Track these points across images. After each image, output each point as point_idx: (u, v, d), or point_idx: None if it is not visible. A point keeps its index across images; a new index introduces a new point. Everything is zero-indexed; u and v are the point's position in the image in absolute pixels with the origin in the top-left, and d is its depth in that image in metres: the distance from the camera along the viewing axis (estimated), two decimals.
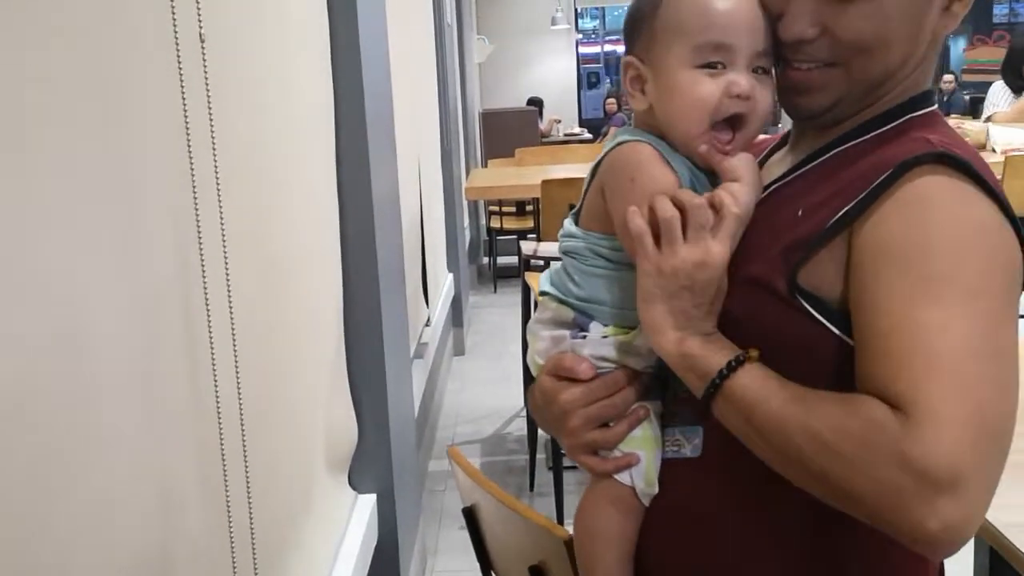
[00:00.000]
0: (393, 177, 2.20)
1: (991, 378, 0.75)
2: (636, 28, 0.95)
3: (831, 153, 0.92)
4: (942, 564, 0.98)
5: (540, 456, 3.15)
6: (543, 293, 0.98)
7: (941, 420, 0.72)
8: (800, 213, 0.87)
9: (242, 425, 1.12)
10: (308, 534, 1.55)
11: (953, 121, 4.62)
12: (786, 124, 1.05)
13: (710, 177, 0.93)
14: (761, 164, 1.00)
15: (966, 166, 0.81)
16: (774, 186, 0.94)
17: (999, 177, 3.22)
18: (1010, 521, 1.04)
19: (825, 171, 0.91)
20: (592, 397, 0.93)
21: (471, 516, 1.26)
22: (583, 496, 0.97)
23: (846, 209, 0.83)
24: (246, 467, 1.14)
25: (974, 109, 6.67)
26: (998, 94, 4.40)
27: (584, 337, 0.93)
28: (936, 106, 0.93)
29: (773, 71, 0.93)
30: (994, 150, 3.84)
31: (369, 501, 1.95)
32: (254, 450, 1.17)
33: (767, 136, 1.06)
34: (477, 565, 1.29)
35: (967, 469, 0.70)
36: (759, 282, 0.87)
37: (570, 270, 0.96)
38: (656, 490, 0.93)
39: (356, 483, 1.96)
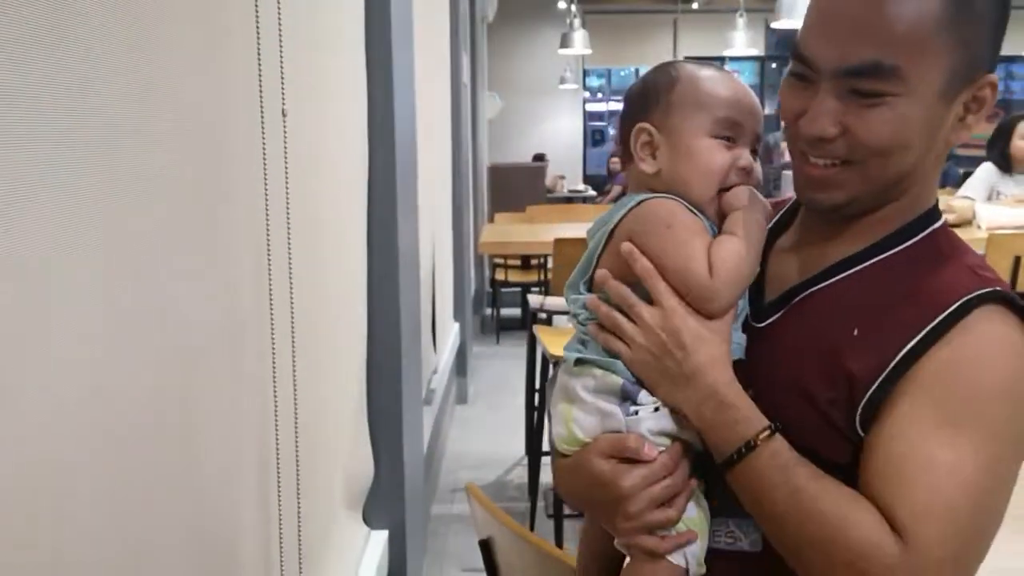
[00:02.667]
0: (415, 232, 2.33)
1: (983, 521, 0.85)
2: (650, 99, 0.99)
3: (866, 264, 0.95)
4: None
5: (540, 504, 3.24)
6: (580, 360, 0.95)
7: (931, 559, 0.82)
8: (856, 332, 0.89)
9: (296, 456, 1.24)
10: (327, 567, 1.63)
11: (943, 197, 4.75)
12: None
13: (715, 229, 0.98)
14: (768, 241, 1.02)
15: (1018, 303, 0.87)
16: (809, 289, 0.96)
17: (982, 252, 3.35)
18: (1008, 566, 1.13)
19: (868, 284, 0.93)
20: (655, 478, 0.90)
21: (487, 548, 1.37)
22: (626, 572, 0.96)
23: (912, 346, 0.86)
24: (279, 502, 1.25)
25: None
26: (979, 178, 4.46)
27: (636, 412, 0.91)
28: (943, 219, 0.98)
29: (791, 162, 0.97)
30: (979, 227, 3.96)
31: (381, 537, 2.05)
32: (289, 483, 1.28)
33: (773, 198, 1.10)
34: None
35: None
36: (830, 419, 0.89)
37: (619, 355, 0.94)
38: (704, 572, 0.92)
39: (370, 520, 2.07)
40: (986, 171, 4.47)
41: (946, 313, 0.86)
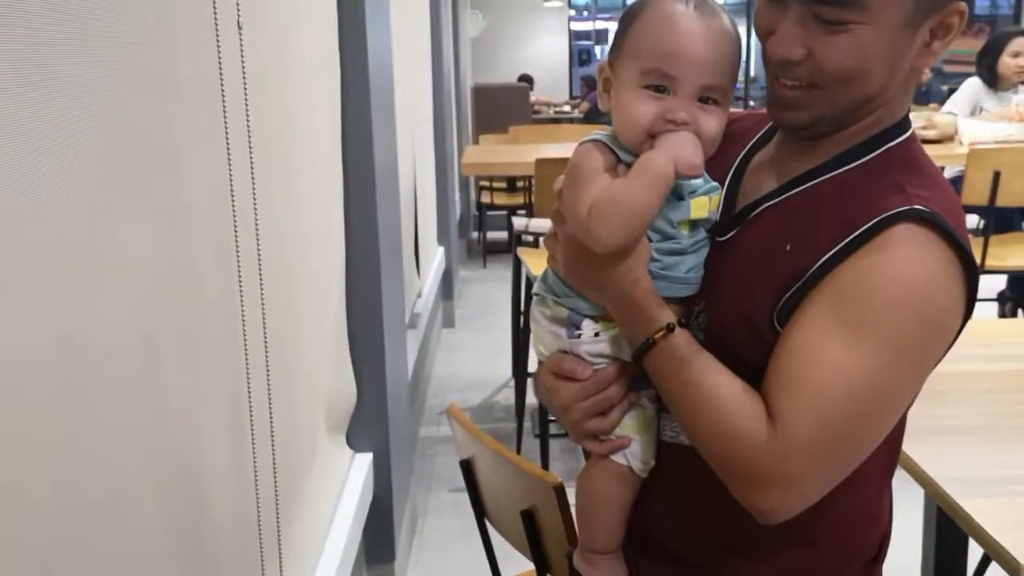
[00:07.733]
0: (393, 149, 2.27)
1: (859, 423, 0.91)
2: (616, 35, 1.01)
3: (818, 180, 0.98)
4: (890, 516, 1.08)
5: (527, 424, 3.25)
6: (535, 294, 1.07)
7: (795, 446, 0.89)
8: (789, 248, 0.94)
9: (269, 382, 1.20)
10: (311, 489, 1.63)
11: (925, 112, 4.70)
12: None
13: None
14: (747, 156, 1.07)
15: (938, 223, 0.89)
16: (763, 204, 1.00)
17: (962, 168, 3.31)
18: (949, 476, 1.17)
19: (812, 201, 0.97)
20: (587, 393, 1.01)
21: (468, 468, 1.35)
22: (586, 467, 1.06)
23: (826, 257, 0.91)
24: (252, 424, 1.23)
25: None
26: (963, 94, 4.41)
27: (579, 336, 1.02)
28: (911, 130, 1.00)
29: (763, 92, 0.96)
30: (961, 142, 3.92)
31: (366, 460, 2.04)
32: (265, 409, 1.25)
33: (753, 112, 1.11)
34: (464, 526, 1.36)
35: (804, 482, 0.90)
36: (751, 321, 0.95)
37: (554, 269, 1.05)
38: (652, 465, 1.03)
39: (354, 443, 2.05)
40: (970, 87, 4.41)
41: (861, 230, 0.89)
